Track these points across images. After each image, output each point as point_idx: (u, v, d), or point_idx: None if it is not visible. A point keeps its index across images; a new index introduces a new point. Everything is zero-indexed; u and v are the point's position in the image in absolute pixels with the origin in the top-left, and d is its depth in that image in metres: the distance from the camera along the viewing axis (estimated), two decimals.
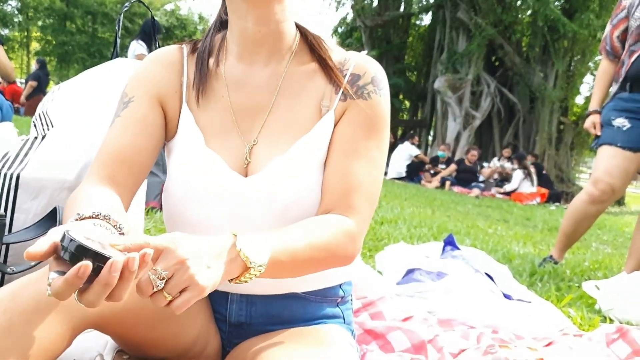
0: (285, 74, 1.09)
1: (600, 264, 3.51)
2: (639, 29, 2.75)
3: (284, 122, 1.07)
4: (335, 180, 1.03)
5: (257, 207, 1.01)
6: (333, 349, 1.00)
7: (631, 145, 2.78)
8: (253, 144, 1.05)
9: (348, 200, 1.02)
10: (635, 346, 1.57)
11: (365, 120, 1.06)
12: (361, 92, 1.07)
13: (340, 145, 1.05)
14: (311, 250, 0.92)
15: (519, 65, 14.43)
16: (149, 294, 0.72)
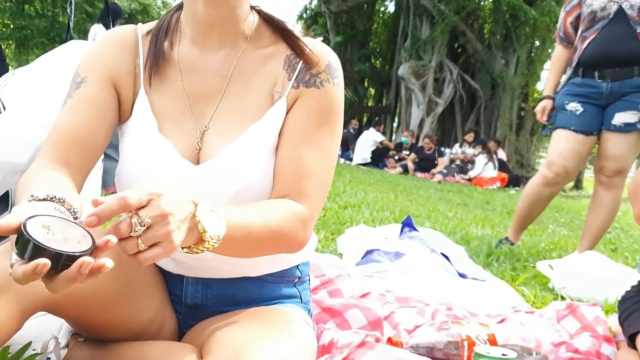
0: (238, 59, 1.08)
1: (556, 245, 3.63)
2: (591, 15, 2.83)
3: (235, 108, 1.06)
4: (287, 168, 1.03)
5: (208, 195, 1.00)
6: (289, 328, 1.01)
7: (584, 129, 2.87)
8: (204, 129, 1.05)
9: (300, 187, 1.03)
10: (585, 322, 1.64)
11: (318, 109, 1.06)
12: (314, 80, 1.07)
13: (292, 133, 1.05)
14: (266, 231, 0.93)
15: (480, 52, 14.65)
16: (124, 237, 0.71)
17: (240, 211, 0.90)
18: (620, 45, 2.75)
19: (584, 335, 1.57)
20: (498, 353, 1.02)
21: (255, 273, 1.12)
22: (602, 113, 2.85)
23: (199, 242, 0.81)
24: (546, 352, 1.44)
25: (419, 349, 1.34)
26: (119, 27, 1.14)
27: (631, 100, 2.71)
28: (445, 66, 14.48)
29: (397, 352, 1.25)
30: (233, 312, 1.08)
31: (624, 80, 2.77)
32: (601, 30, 2.80)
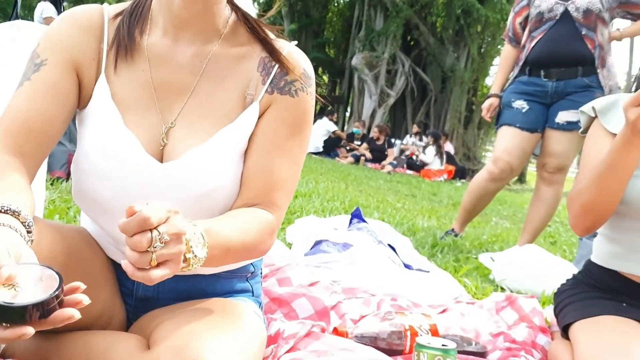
0: (211, 56, 1.04)
1: (498, 237, 3.75)
2: (539, 16, 2.92)
3: (205, 106, 1.03)
4: (258, 176, 1.02)
5: (172, 195, 0.98)
6: (238, 319, 1.01)
7: (529, 126, 2.97)
8: (170, 126, 1.01)
9: (271, 197, 1.03)
10: (522, 313, 1.71)
11: (290, 118, 1.04)
12: (288, 88, 1.05)
13: (263, 140, 1.03)
14: (241, 246, 0.94)
15: (433, 45, 14.89)
16: (143, 250, 0.71)
17: (220, 226, 0.89)
18: (565, 45, 2.85)
19: (521, 326, 1.63)
20: (438, 343, 1.05)
21: (210, 272, 1.11)
22: (547, 111, 2.95)
23: (184, 263, 0.80)
24: (485, 342, 1.50)
25: (363, 339, 1.37)
26: (84, 6, 1.07)
27: (574, 100, 2.82)
28: (398, 58, 14.66)
29: (341, 342, 1.27)
30: (182, 303, 1.07)
31: (568, 80, 2.88)
32: (548, 31, 2.89)
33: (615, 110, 1.46)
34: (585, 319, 1.40)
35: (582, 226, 1.44)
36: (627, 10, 2.90)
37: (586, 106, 1.53)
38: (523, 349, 1.48)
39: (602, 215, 1.40)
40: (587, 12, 2.82)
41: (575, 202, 1.41)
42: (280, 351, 1.20)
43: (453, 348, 1.05)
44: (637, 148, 1.26)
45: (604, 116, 1.46)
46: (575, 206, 1.41)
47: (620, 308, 1.40)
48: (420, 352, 1.05)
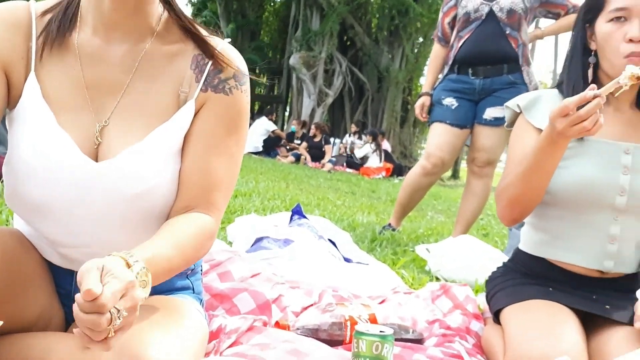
0: (144, 54, 1.02)
1: (433, 230, 3.87)
2: (466, 16, 3.04)
3: (139, 105, 1.02)
4: (195, 177, 1.02)
5: (107, 195, 0.97)
6: (180, 316, 1.01)
7: (458, 123, 3.09)
8: (104, 124, 1.00)
9: (209, 197, 1.03)
10: (456, 301, 1.77)
11: (226, 116, 1.04)
12: (222, 86, 1.05)
13: (200, 140, 1.03)
14: (182, 261, 0.95)
15: (368, 45, 15.11)
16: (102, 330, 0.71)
17: (160, 249, 0.89)
18: (491, 44, 2.98)
19: (455, 313, 1.69)
20: (376, 330, 1.09)
21: None
22: (475, 108, 3.08)
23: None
24: (421, 329, 1.56)
25: (305, 331, 1.39)
26: (9, 3, 1.04)
27: (501, 96, 2.94)
28: (335, 58, 14.79)
29: (283, 335, 1.29)
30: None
31: (494, 77, 3.01)
32: (475, 30, 3.01)
33: (538, 106, 1.55)
34: (514, 304, 1.46)
35: (509, 217, 1.52)
36: (548, 9, 3.06)
37: (511, 102, 1.61)
38: (458, 334, 1.54)
39: (528, 207, 1.48)
40: (510, 12, 2.95)
41: (503, 195, 1.49)
42: (223, 346, 1.21)
43: (390, 334, 1.09)
44: (561, 147, 1.34)
45: (528, 112, 1.55)
46: (502, 199, 1.49)
47: (547, 292, 1.47)
48: (360, 339, 1.09)
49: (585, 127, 1.24)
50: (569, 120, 1.24)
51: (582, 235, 1.50)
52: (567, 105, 1.24)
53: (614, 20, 1.43)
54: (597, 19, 1.47)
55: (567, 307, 1.42)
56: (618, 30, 1.41)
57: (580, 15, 1.53)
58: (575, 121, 1.24)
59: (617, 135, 1.49)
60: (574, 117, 1.24)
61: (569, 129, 1.26)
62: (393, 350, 1.10)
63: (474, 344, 1.54)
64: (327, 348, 1.27)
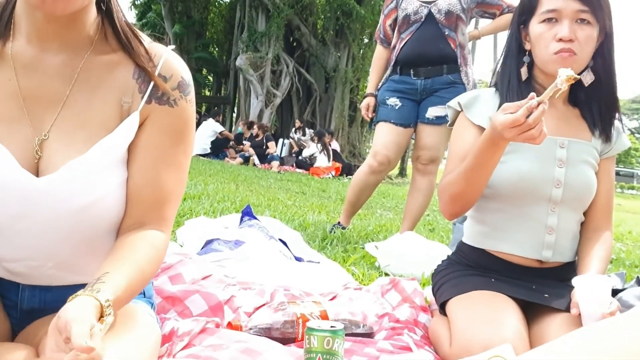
0: (83, 64, 0.98)
1: (382, 228, 3.94)
2: (406, 18, 3.12)
3: (80, 116, 0.98)
4: (145, 192, 1.00)
5: (50, 210, 0.94)
6: (131, 321, 1.00)
7: (402, 122, 3.16)
8: (44, 138, 0.96)
9: (160, 212, 1.01)
10: (405, 294, 1.82)
11: (172, 127, 1.02)
12: (167, 97, 1.02)
13: (147, 153, 1.00)
14: (142, 281, 0.96)
15: (315, 46, 15.17)
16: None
17: (127, 279, 0.90)
18: (431, 45, 3.07)
19: (404, 306, 1.74)
20: (327, 326, 1.12)
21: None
22: (418, 107, 3.16)
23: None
24: (371, 323, 1.59)
25: (258, 330, 1.41)
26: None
27: (441, 96, 3.03)
28: (281, 59, 14.78)
29: (236, 335, 1.30)
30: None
31: (435, 78, 3.10)
32: (415, 32, 3.09)
33: (477, 104, 1.61)
34: (459, 295, 1.51)
35: (450, 212, 1.58)
36: (484, 10, 3.17)
37: (452, 101, 1.67)
38: (406, 327, 1.58)
39: (469, 202, 1.54)
40: (448, 14, 3.05)
41: (445, 192, 1.54)
42: (176, 349, 1.21)
43: (341, 329, 1.12)
44: (502, 148, 1.41)
45: (469, 110, 1.61)
46: (444, 195, 1.55)
47: (489, 283, 1.53)
48: (311, 335, 1.11)
49: (533, 135, 1.30)
50: (518, 129, 1.29)
51: (521, 226, 1.56)
52: (518, 118, 1.28)
53: (546, 22, 1.50)
54: (531, 20, 1.55)
55: (509, 297, 1.48)
56: (549, 31, 1.49)
57: (515, 17, 1.61)
58: (524, 129, 1.29)
59: (551, 130, 1.56)
60: (523, 126, 1.29)
61: (517, 137, 1.31)
62: (344, 344, 1.13)
63: (422, 335, 1.59)
64: (279, 346, 1.29)
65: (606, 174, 1.62)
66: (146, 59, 1.02)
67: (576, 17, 1.47)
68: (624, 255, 4.35)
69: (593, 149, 1.59)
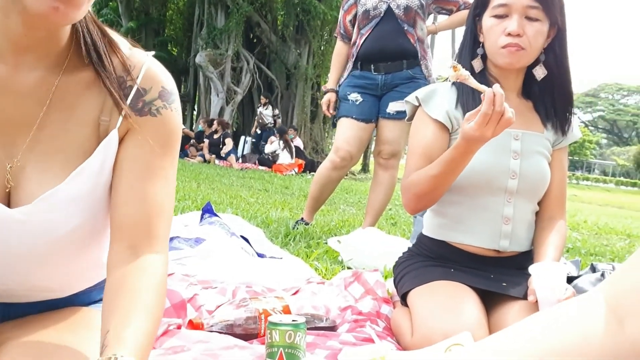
0: (59, 82, 0.89)
1: (345, 223, 3.96)
2: (365, 14, 3.14)
3: (56, 140, 0.89)
4: (132, 210, 0.90)
5: (24, 241, 0.87)
6: (91, 333, 0.97)
7: (363, 117, 3.19)
8: (17, 164, 0.87)
9: (152, 230, 0.91)
10: (367, 286, 1.83)
11: (157, 139, 0.94)
12: (148, 108, 0.94)
13: (131, 167, 0.92)
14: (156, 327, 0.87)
15: (275, 43, 15.12)
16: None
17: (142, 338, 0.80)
18: (391, 41, 3.10)
19: (366, 298, 1.75)
20: (289, 320, 1.12)
21: (76, 290, 1.04)
22: (379, 102, 3.19)
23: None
24: (334, 316, 1.60)
25: (220, 328, 1.40)
26: None
27: (402, 91, 3.06)
28: (242, 56, 14.68)
29: (196, 335, 1.29)
30: (30, 317, 0.99)
31: (395, 73, 3.13)
32: (374, 28, 3.12)
33: (435, 98, 1.64)
34: (419, 286, 1.54)
35: (414, 208, 1.60)
36: (441, 6, 3.22)
37: (410, 96, 1.69)
38: (369, 319, 1.60)
39: (434, 200, 1.57)
40: (407, 9, 3.08)
41: (410, 190, 1.56)
42: None
43: (303, 322, 1.12)
44: (473, 153, 1.44)
45: (426, 104, 1.63)
46: (409, 193, 1.56)
47: (449, 273, 1.56)
48: (273, 330, 1.10)
49: (508, 119, 1.35)
50: (493, 122, 1.34)
51: (478, 217, 1.60)
52: (486, 112, 1.33)
53: (497, 16, 1.54)
54: (484, 13, 1.58)
55: (468, 286, 1.51)
56: (499, 25, 1.53)
57: (471, 10, 1.64)
58: (497, 118, 1.34)
59: None
60: (495, 115, 1.34)
61: (496, 129, 1.36)
62: (306, 338, 1.13)
63: (384, 327, 1.61)
64: (240, 343, 1.29)
65: (559, 164, 1.67)
66: (121, 78, 0.94)
67: (525, 13, 1.51)
68: (580, 244, 4.49)
69: (546, 141, 1.64)
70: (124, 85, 0.94)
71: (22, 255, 0.89)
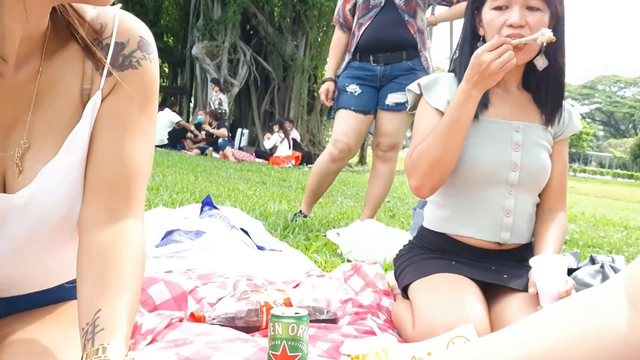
0: (42, 65, 0.87)
1: (344, 215, 3.96)
2: (365, 3, 3.12)
3: (47, 120, 0.87)
4: (110, 169, 0.87)
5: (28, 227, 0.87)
6: None
7: (362, 109, 3.17)
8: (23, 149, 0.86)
9: (129, 192, 0.89)
10: (367, 279, 1.84)
11: (137, 92, 0.91)
12: (129, 61, 0.91)
13: (110, 124, 0.89)
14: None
15: (272, 34, 15.04)
16: None
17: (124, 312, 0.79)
18: (390, 31, 3.08)
19: (367, 291, 1.76)
20: (291, 312, 1.12)
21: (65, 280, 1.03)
22: (378, 94, 3.17)
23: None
24: (335, 309, 1.60)
25: (221, 321, 1.40)
26: None
27: (401, 83, 3.05)
28: (238, 47, 14.60)
29: (198, 328, 1.29)
30: (32, 311, 0.98)
31: (394, 64, 3.11)
32: (374, 18, 3.09)
33: (436, 87, 1.63)
34: (420, 279, 1.54)
35: (428, 185, 1.56)
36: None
37: (412, 84, 1.69)
38: (370, 312, 1.60)
39: (446, 170, 1.54)
40: (407, 0, 3.06)
41: (421, 161, 1.53)
42: (139, 347, 1.19)
43: (305, 315, 1.12)
44: (476, 99, 1.46)
45: (428, 92, 1.63)
46: (420, 166, 1.54)
47: (449, 266, 1.56)
48: (276, 322, 1.10)
49: (510, 53, 1.43)
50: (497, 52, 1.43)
51: (480, 210, 1.60)
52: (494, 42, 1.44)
53: (497, 8, 1.53)
54: (483, 6, 1.57)
55: (469, 278, 1.51)
56: (500, 17, 1.52)
57: (469, 4, 1.63)
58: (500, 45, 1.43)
59: (507, 115, 1.60)
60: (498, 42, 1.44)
61: (496, 61, 1.42)
62: (308, 330, 1.13)
63: (385, 319, 1.61)
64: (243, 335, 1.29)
65: (560, 156, 1.67)
66: (95, 39, 0.91)
67: (526, 3, 1.50)
68: (577, 236, 4.50)
69: (547, 132, 1.63)
70: (100, 46, 0.90)
71: (25, 242, 0.88)
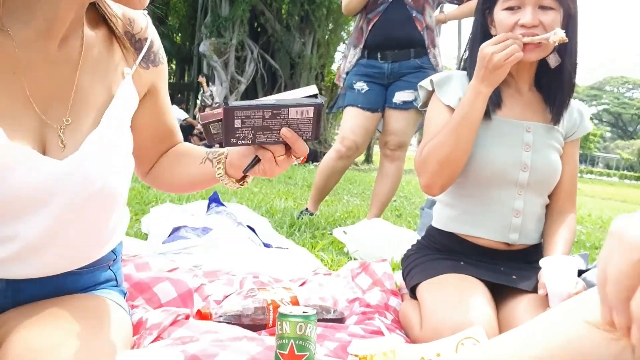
0: (85, 45, 0.96)
1: (350, 214, 3.95)
2: None
3: (90, 98, 0.96)
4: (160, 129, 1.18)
5: (66, 196, 0.90)
6: (99, 321, 0.97)
7: (369, 106, 3.15)
8: (66, 124, 0.93)
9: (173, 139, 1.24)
10: (375, 277, 1.82)
11: (165, 84, 1.15)
12: (158, 58, 1.10)
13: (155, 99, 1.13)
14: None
15: (279, 32, 15.04)
16: None
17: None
18: (398, 29, 3.05)
19: (374, 290, 1.74)
20: (299, 311, 1.11)
21: (77, 265, 1.03)
22: (386, 92, 3.16)
23: None
24: (342, 308, 1.59)
25: (228, 318, 1.39)
26: None
27: (409, 81, 3.04)
28: (246, 45, 14.60)
29: (205, 325, 1.28)
30: (37, 304, 0.98)
31: (402, 62, 3.09)
32: (382, 14, 3.07)
33: (449, 84, 1.62)
34: (428, 279, 1.53)
35: (439, 183, 1.54)
36: None
37: (424, 81, 1.67)
38: (377, 311, 1.59)
39: (456, 169, 1.52)
40: None
41: (431, 159, 1.52)
42: (144, 343, 1.18)
43: (313, 314, 1.11)
44: (485, 97, 1.45)
45: (440, 89, 1.61)
46: (431, 164, 1.52)
47: (458, 266, 1.55)
48: (283, 321, 1.09)
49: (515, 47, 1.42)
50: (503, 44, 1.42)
51: (489, 210, 1.58)
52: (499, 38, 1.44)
53: (509, 9, 1.51)
54: (495, 6, 1.55)
55: (477, 279, 1.50)
56: (512, 17, 1.50)
57: (479, 4, 1.61)
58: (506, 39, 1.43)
59: (518, 115, 1.58)
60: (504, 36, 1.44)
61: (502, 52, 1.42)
62: (316, 330, 1.12)
63: (393, 319, 1.60)
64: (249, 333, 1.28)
65: (570, 157, 1.65)
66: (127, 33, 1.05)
67: (539, 3, 1.48)
68: (584, 238, 4.47)
69: (558, 133, 1.62)
70: (133, 40, 1.05)
71: (64, 211, 0.91)
